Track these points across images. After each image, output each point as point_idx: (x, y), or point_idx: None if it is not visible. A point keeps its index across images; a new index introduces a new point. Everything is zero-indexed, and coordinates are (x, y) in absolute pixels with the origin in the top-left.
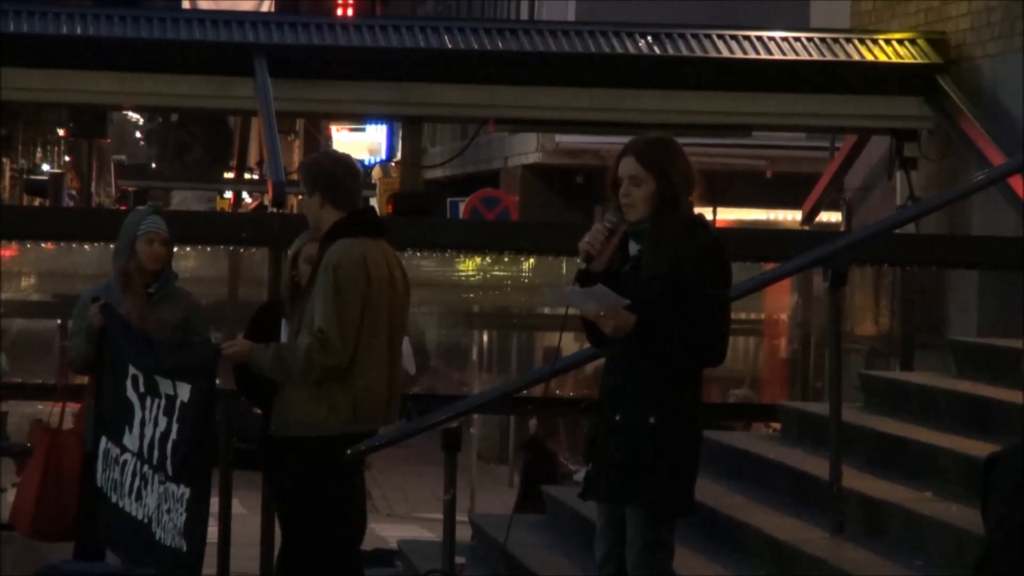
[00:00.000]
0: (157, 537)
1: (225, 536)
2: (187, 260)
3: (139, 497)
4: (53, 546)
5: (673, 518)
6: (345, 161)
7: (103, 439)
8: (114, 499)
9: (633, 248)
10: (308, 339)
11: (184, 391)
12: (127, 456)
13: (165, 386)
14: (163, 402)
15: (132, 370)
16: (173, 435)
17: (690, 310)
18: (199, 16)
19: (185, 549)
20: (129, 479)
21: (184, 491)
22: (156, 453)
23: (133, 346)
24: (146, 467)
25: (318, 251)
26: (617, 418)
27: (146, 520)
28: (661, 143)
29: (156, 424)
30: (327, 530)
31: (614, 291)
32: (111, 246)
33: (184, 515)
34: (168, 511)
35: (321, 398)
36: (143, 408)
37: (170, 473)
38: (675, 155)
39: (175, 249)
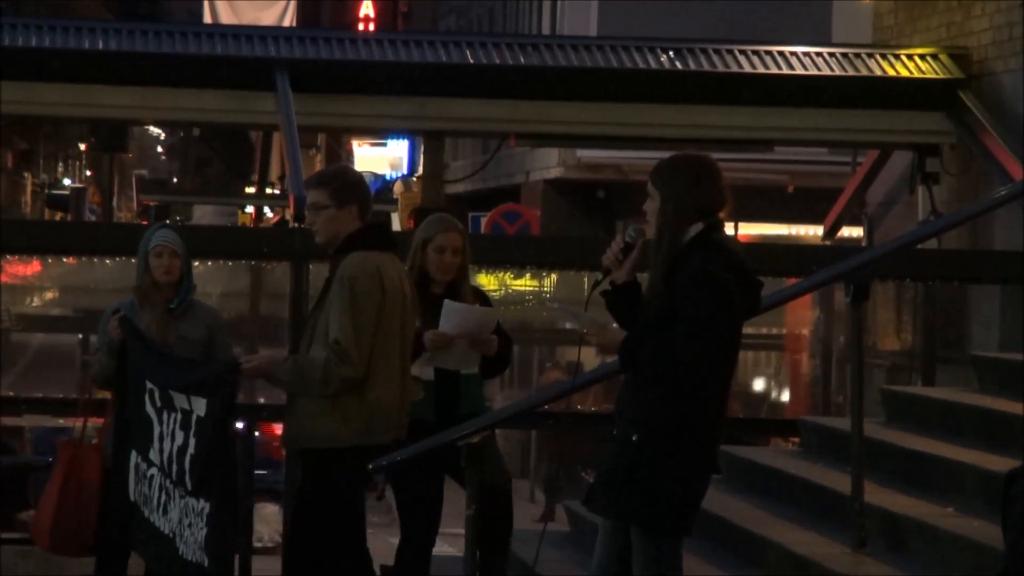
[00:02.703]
0: (180, 552)
1: (245, 548)
2: (208, 274)
3: (165, 511)
4: (74, 560)
5: (665, 535)
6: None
7: (133, 453)
8: (146, 513)
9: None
10: (325, 351)
11: (200, 406)
12: (153, 471)
13: (180, 400)
14: (179, 416)
15: (148, 384)
16: (191, 450)
17: (673, 333)
18: (220, 31)
19: (207, 564)
20: (156, 493)
21: (204, 506)
22: (175, 467)
23: (149, 360)
24: (167, 481)
25: (331, 264)
26: (615, 432)
27: (171, 535)
28: (673, 162)
29: (173, 438)
30: (339, 541)
31: (635, 304)
32: (132, 260)
33: (205, 530)
34: (189, 526)
35: (334, 410)
36: (160, 422)
37: (189, 488)
38: (682, 175)
39: (195, 264)
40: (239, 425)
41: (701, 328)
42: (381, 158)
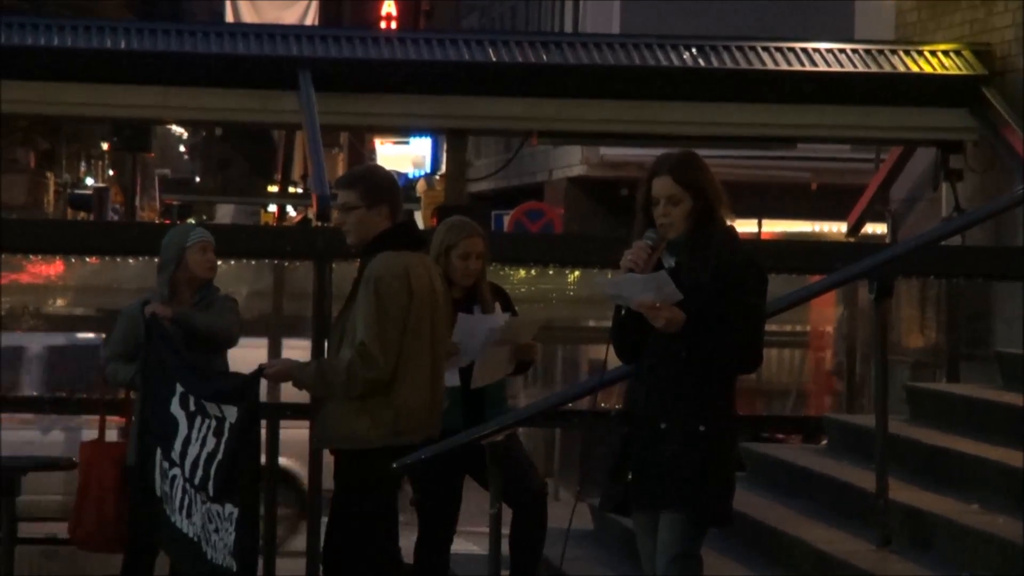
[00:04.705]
0: (208, 556)
1: (270, 549)
2: (231, 274)
3: (189, 515)
4: (101, 559)
5: (717, 526)
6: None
7: (157, 450)
8: (168, 512)
9: (668, 260)
10: (350, 353)
11: (231, 413)
12: (175, 471)
13: (212, 408)
14: (213, 423)
15: (180, 388)
16: (219, 456)
17: (731, 317)
18: (243, 30)
19: (235, 568)
20: (179, 495)
21: (232, 510)
22: (200, 473)
23: (179, 367)
24: (188, 485)
25: (359, 264)
26: (663, 427)
27: (195, 538)
28: (692, 160)
29: (204, 444)
30: (367, 542)
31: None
32: (156, 260)
33: (234, 534)
34: (216, 530)
35: (362, 411)
36: (191, 427)
37: (211, 494)
38: (705, 169)
39: (219, 263)
40: None
41: (758, 313)
42: (404, 156)
